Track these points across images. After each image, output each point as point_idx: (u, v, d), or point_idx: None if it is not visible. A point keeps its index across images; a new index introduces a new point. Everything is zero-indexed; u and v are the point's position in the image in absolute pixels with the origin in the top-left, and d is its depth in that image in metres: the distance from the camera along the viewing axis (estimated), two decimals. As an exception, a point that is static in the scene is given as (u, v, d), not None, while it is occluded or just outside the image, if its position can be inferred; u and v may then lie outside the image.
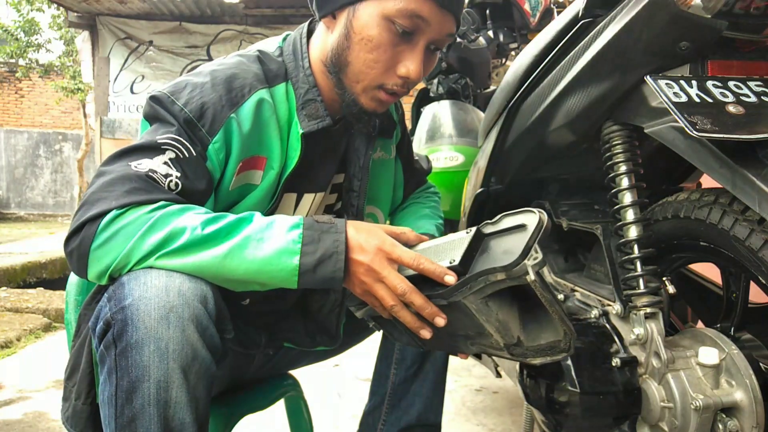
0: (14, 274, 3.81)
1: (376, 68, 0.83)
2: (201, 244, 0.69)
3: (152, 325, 0.65)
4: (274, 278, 0.72)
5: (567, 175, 1.27)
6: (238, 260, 0.70)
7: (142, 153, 0.75)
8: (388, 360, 1.12)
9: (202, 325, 0.68)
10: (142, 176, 0.73)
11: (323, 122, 0.88)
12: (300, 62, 0.89)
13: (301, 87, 0.88)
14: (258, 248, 0.71)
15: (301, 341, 1.06)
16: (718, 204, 0.83)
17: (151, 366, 0.65)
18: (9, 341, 2.57)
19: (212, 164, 0.80)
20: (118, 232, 0.69)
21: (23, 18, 8.66)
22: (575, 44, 0.98)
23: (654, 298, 0.89)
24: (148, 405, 0.65)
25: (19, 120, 10.31)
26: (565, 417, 0.91)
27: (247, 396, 1.08)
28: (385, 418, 1.12)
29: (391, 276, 0.73)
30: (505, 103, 1.22)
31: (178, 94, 0.80)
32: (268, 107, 0.84)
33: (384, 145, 1.07)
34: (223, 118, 0.80)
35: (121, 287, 0.68)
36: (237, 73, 0.84)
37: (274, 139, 0.85)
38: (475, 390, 2.04)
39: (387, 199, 1.11)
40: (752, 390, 0.80)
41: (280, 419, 1.27)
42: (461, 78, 1.79)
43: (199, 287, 0.69)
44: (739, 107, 0.75)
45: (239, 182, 0.85)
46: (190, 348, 0.66)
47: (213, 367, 0.70)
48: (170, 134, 0.77)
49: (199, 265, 0.70)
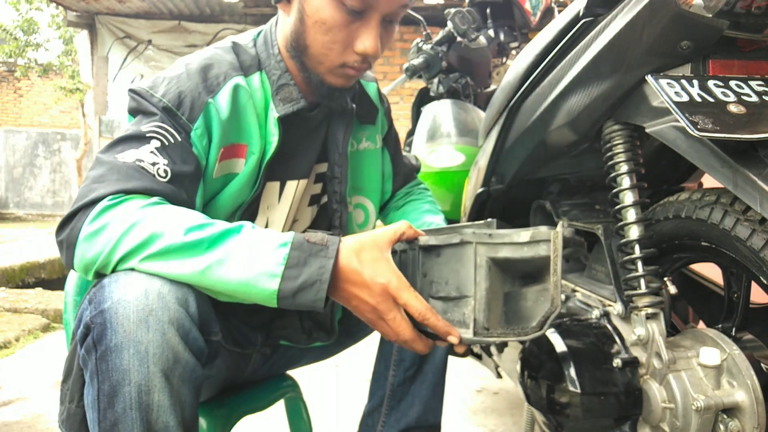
0: (13, 274, 3.80)
1: (334, 49, 0.84)
2: (180, 251, 0.68)
3: (131, 329, 0.64)
4: (253, 299, 0.70)
5: (568, 174, 1.27)
6: (216, 276, 0.68)
7: (128, 144, 0.76)
8: (387, 361, 1.12)
9: (184, 329, 0.67)
10: (131, 166, 0.74)
11: (298, 104, 0.89)
12: (271, 50, 0.91)
13: (274, 74, 0.90)
14: (238, 266, 0.68)
15: (297, 338, 1.05)
16: (720, 204, 0.82)
17: (131, 370, 0.64)
18: (8, 341, 2.57)
19: (197, 151, 0.81)
20: (104, 227, 0.69)
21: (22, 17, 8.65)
22: (576, 43, 0.98)
23: (655, 299, 0.89)
24: (130, 409, 0.65)
25: (17, 119, 10.30)
26: (566, 418, 0.90)
27: (247, 396, 1.08)
28: (384, 420, 1.11)
29: (396, 321, 0.70)
30: (505, 103, 1.22)
31: (156, 88, 0.82)
32: (244, 93, 0.86)
33: (369, 135, 1.07)
34: (201, 104, 0.81)
35: (101, 290, 0.67)
36: (212, 63, 0.86)
37: (252, 125, 0.86)
38: (475, 391, 2.03)
39: (376, 190, 1.11)
40: (753, 390, 0.79)
41: (280, 420, 1.27)
42: (462, 77, 1.78)
43: (179, 290, 0.68)
44: (740, 107, 0.75)
45: (222, 171, 0.85)
46: (171, 351, 0.66)
47: (198, 370, 0.70)
48: (154, 123, 0.78)
49: (179, 276, 0.68)
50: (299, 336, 1.05)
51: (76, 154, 8.94)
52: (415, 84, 1.92)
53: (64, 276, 3.25)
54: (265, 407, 1.10)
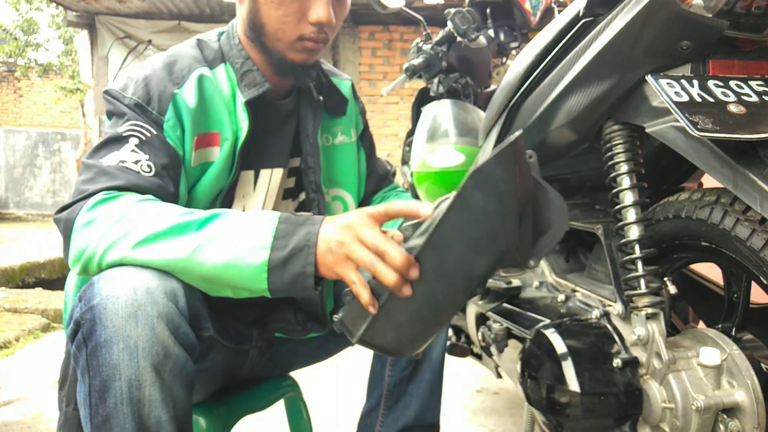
0: (13, 274, 3.80)
1: (289, 22, 0.87)
2: (170, 233, 0.70)
3: (120, 324, 0.66)
4: (243, 278, 0.70)
5: (568, 174, 1.27)
6: (205, 256, 0.69)
7: (110, 147, 0.81)
8: (383, 360, 1.12)
9: (173, 323, 0.68)
10: (116, 167, 0.78)
11: (263, 87, 0.92)
12: (233, 41, 0.95)
13: (237, 62, 0.93)
14: (227, 244, 0.69)
15: (292, 330, 1.05)
16: (720, 204, 0.82)
17: (121, 364, 0.65)
18: (8, 341, 2.57)
19: (173, 141, 0.85)
20: (96, 219, 0.72)
21: (22, 17, 8.65)
22: (576, 43, 0.98)
23: (655, 299, 0.89)
24: (121, 404, 0.65)
25: (17, 119, 10.30)
26: (565, 418, 0.91)
27: (247, 396, 1.08)
28: (382, 420, 1.12)
29: (363, 237, 0.67)
30: (505, 103, 1.22)
31: (126, 88, 0.86)
32: (209, 82, 0.90)
33: (344, 129, 1.10)
34: (168, 95, 0.86)
35: (91, 287, 0.69)
36: (176, 59, 0.91)
37: (221, 113, 0.90)
38: (475, 391, 2.04)
39: (353, 183, 1.12)
40: (753, 390, 0.80)
41: (280, 420, 1.27)
42: (462, 77, 1.78)
43: (168, 285, 0.69)
44: (740, 107, 0.75)
45: (199, 159, 0.89)
46: (160, 346, 0.66)
47: (190, 365, 0.70)
48: (129, 123, 0.83)
49: (168, 260, 0.70)
50: (293, 328, 1.05)
51: (76, 154, 8.94)
52: (415, 84, 1.91)
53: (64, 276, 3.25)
54: (265, 407, 1.10)
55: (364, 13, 5.60)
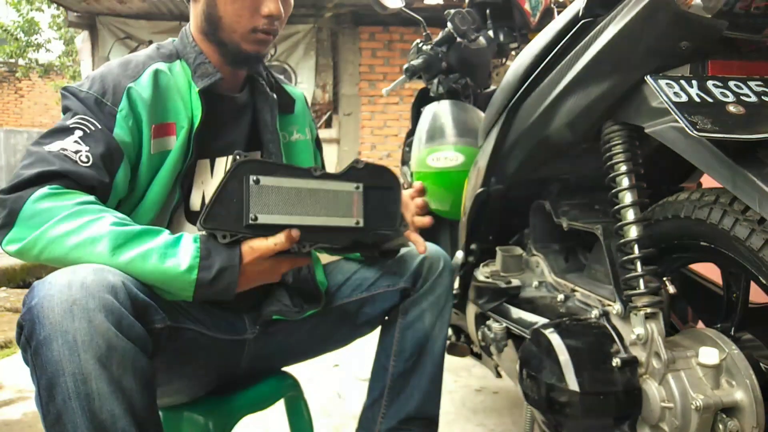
0: (13, 274, 3.81)
1: (244, 15, 0.95)
2: (105, 240, 0.75)
3: (57, 320, 0.67)
4: (172, 289, 0.78)
5: (567, 174, 1.27)
6: (139, 269, 0.75)
7: (55, 136, 0.86)
8: (387, 352, 1.14)
9: (114, 315, 0.69)
10: (56, 154, 0.83)
11: (215, 77, 0.98)
12: (186, 40, 1.02)
13: (191, 57, 1.00)
14: (156, 261, 0.76)
15: (288, 312, 1.06)
16: (719, 204, 0.83)
17: (63, 360, 0.66)
18: (8, 341, 2.57)
19: (124, 131, 0.90)
20: (42, 212, 0.77)
21: (23, 18, 8.66)
22: (575, 44, 0.98)
23: (654, 299, 0.89)
24: (69, 399, 0.66)
25: (18, 120, 10.31)
26: (565, 417, 0.91)
27: (247, 396, 1.08)
28: (384, 411, 1.13)
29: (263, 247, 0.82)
30: (505, 103, 1.22)
31: (85, 85, 0.93)
32: (164, 76, 0.96)
33: (299, 127, 1.16)
34: (122, 88, 0.92)
35: (31, 291, 0.71)
36: (131, 58, 0.98)
37: (177, 104, 0.96)
38: (475, 390, 2.04)
39: None
40: (752, 390, 0.80)
41: (280, 420, 1.27)
42: (461, 78, 1.78)
43: (104, 279, 0.71)
44: (739, 107, 0.75)
45: (158, 148, 0.94)
46: (101, 338, 0.67)
47: (141, 357, 0.71)
48: (78, 116, 0.89)
49: (103, 262, 0.75)
50: (290, 309, 1.05)
51: (77, 155, 8.94)
52: (415, 84, 1.92)
53: (64, 276, 3.26)
54: (265, 406, 1.10)
55: (364, 14, 5.60)
